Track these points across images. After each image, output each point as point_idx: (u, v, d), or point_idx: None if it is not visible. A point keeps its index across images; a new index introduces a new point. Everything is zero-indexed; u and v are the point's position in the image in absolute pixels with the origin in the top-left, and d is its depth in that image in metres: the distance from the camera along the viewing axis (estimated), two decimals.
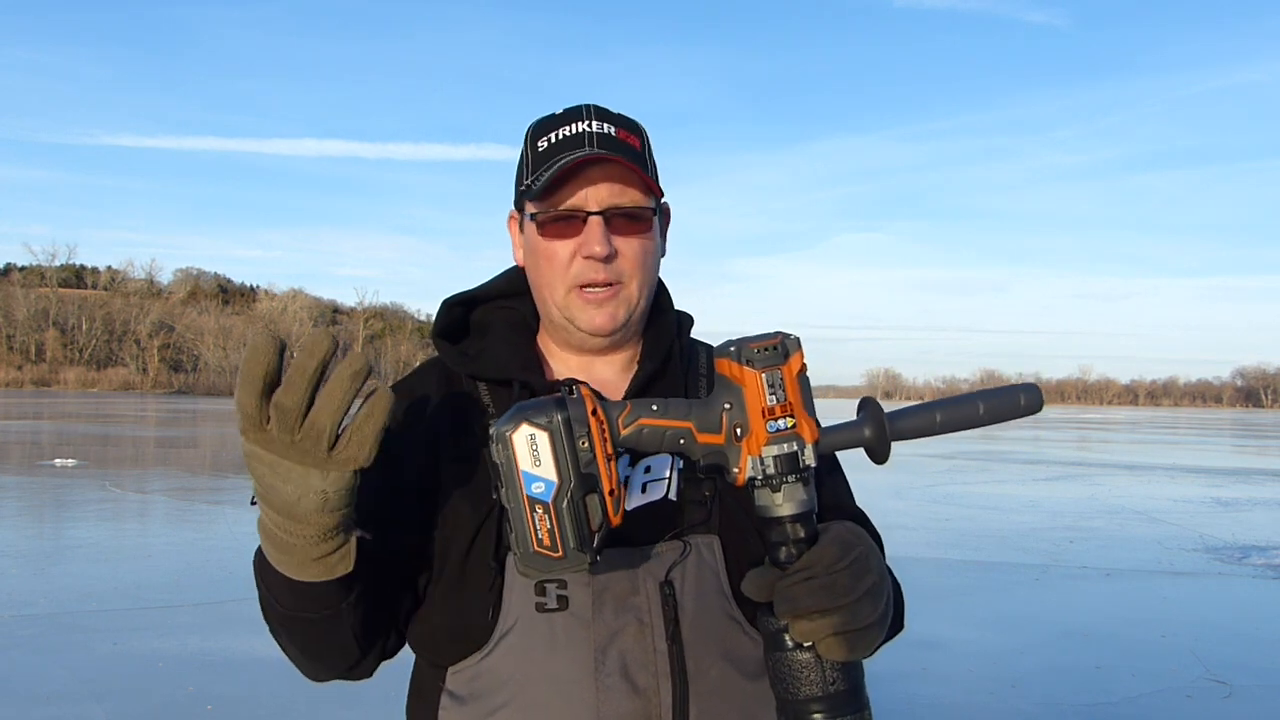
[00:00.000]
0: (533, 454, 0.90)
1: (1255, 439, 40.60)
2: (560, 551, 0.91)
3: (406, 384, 1.28)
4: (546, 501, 0.90)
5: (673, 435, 0.95)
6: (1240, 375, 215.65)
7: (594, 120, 1.19)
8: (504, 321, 1.29)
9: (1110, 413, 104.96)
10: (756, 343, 0.94)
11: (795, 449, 0.93)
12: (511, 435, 0.90)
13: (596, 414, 0.91)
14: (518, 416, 0.90)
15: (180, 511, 11.50)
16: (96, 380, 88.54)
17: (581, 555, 0.91)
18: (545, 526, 0.90)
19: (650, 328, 1.29)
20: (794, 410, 0.93)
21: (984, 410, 0.98)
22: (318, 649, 1.11)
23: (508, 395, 1.20)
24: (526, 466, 0.90)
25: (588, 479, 0.91)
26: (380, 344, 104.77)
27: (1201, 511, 13.02)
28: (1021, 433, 36.93)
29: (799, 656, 0.93)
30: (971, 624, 6.52)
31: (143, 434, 26.80)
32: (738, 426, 0.94)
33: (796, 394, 0.94)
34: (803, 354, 0.95)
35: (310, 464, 0.91)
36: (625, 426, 0.94)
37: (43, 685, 4.92)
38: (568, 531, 0.90)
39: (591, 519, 0.91)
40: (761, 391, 0.93)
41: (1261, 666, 5.66)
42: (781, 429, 0.93)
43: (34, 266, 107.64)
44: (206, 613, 6.47)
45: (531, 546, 0.91)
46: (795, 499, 0.93)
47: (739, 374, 0.94)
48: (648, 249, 1.21)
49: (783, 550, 0.93)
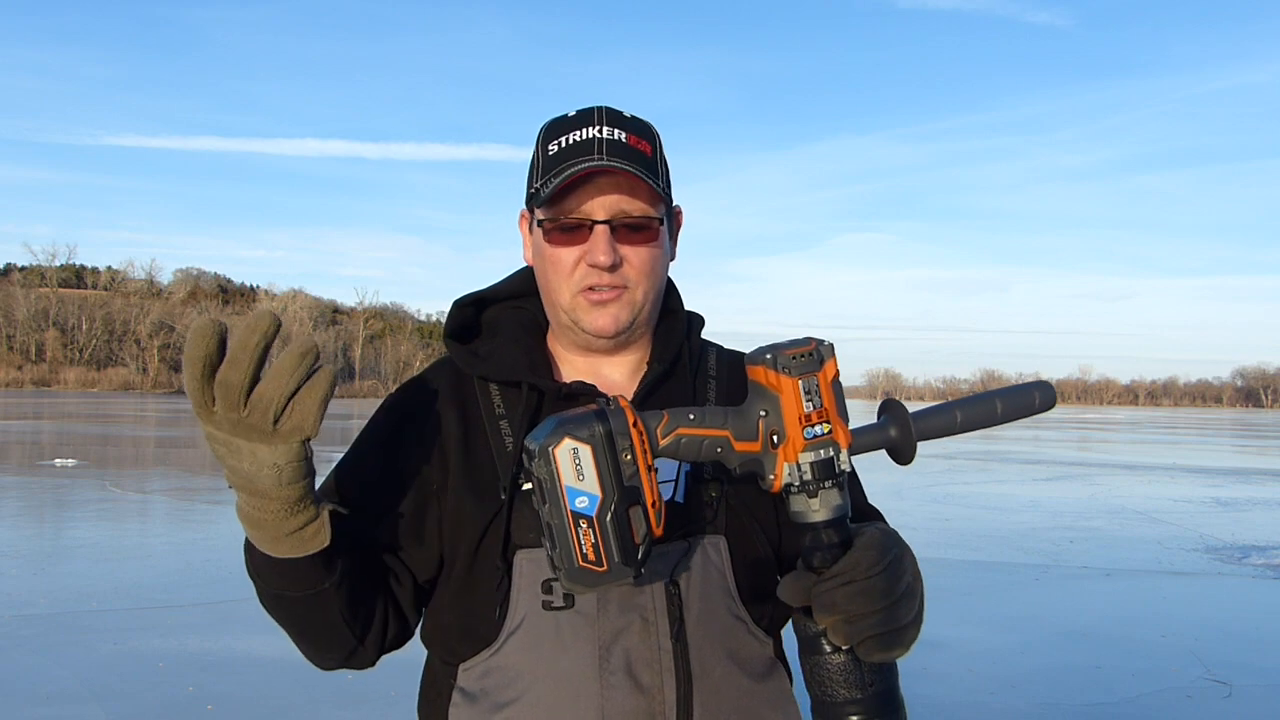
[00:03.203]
0: (576, 468, 0.89)
1: (1255, 439, 40.60)
2: (605, 566, 0.90)
3: (418, 382, 1.28)
4: (591, 516, 0.89)
5: (710, 444, 0.94)
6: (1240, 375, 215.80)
7: (605, 125, 1.18)
8: (514, 322, 1.30)
9: (1110, 413, 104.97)
10: (792, 349, 0.94)
11: (832, 454, 0.93)
12: (555, 450, 0.88)
13: (637, 425, 0.91)
14: (559, 430, 0.89)
15: (180, 511, 11.51)
16: (96, 380, 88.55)
17: (626, 569, 0.91)
18: (590, 541, 0.89)
19: (660, 328, 1.29)
20: (830, 416, 0.94)
21: (1002, 408, 1.00)
22: (308, 630, 1.14)
23: (517, 397, 1.21)
24: (570, 481, 0.89)
25: (631, 491, 0.90)
26: (380, 344, 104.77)
27: (1201, 511, 13.02)
28: (1021, 433, 36.93)
29: (837, 659, 0.93)
30: (971, 624, 6.52)
31: (143, 434, 26.80)
32: (774, 434, 0.94)
33: (831, 400, 0.94)
34: (836, 360, 0.96)
35: (257, 439, 0.93)
36: (664, 437, 0.94)
37: (43, 685, 4.92)
38: (613, 545, 0.90)
39: (636, 531, 0.91)
40: (798, 398, 0.93)
41: (1261, 666, 5.66)
42: (818, 435, 0.93)
43: (34, 266, 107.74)
44: (206, 613, 6.47)
45: (577, 562, 0.90)
46: (830, 504, 0.94)
47: (775, 381, 0.93)
48: (654, 257, 1.21)
49: (818, 555, 0.93)
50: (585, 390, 1.20)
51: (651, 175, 1.18)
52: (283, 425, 0.93)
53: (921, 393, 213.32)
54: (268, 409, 0.91)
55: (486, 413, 1.22)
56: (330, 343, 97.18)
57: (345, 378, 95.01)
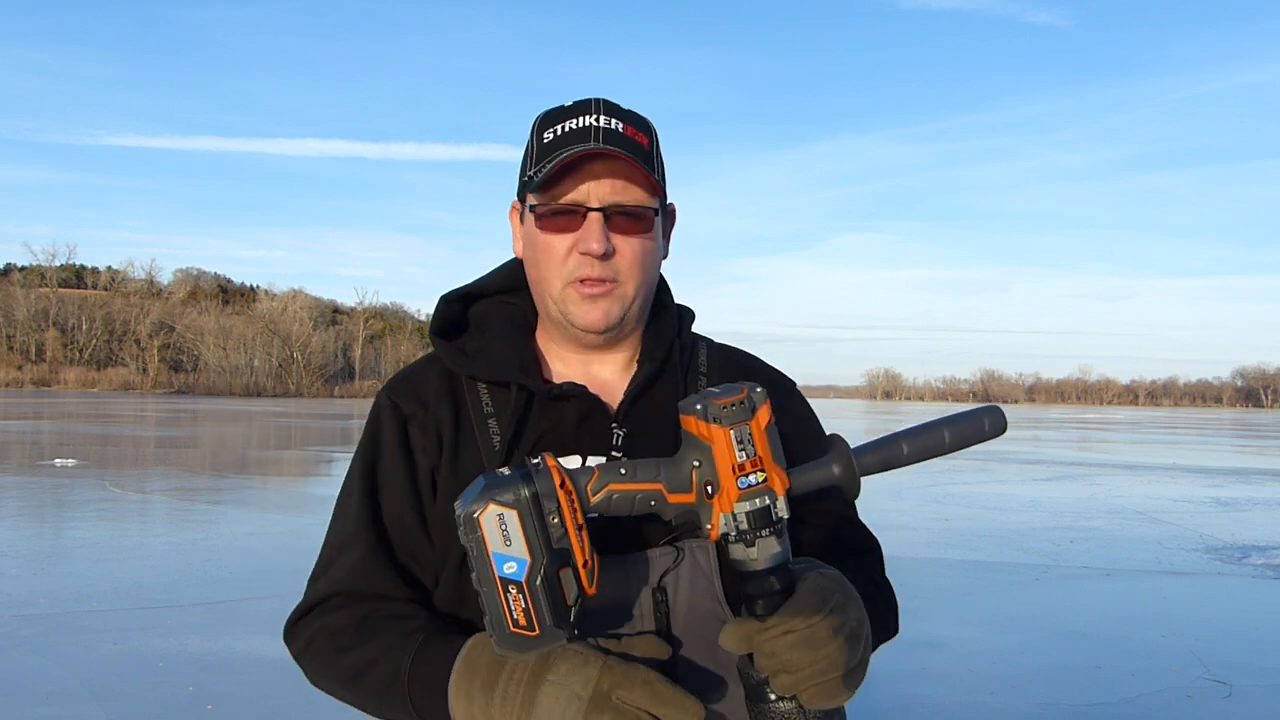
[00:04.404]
0: (503, 534, 0.89)
1: (1255, 439, 40.58)
2: (537, 630, 0.90)
3: (408, 382, 1.26)
4: (520, 581, 0.89)
5: (643, 498, 0.94)
6: (1240, 375, 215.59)
7: (602, 115, 1.17)
8: (503, 318, 1.27)
9: (1110, 413, 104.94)
10: (723, 399, 0.93)
11: (767, 503, 0.93)
12: (480, 517, 0.89)
13: (565, 486, 0.90)
14: (484, 496, 0.89)
15: (180, 511, 11.50)
16: (96, 380, 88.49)
17: (558, 631, 0.91)
18: (520, 606, 0.89)
19: (650, 325, 1.27)
20: (764, 464, 0.93)
21: (950, 438, 0.98)
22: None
23: (506, 396, 1.20)
24: (497, 548, 0.89)
25: (560, 554, 0.90)
26: (380, 344, 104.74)
27: (1201, 511, 13.02)
28: (1021, 433, 36.93)
29: (781, 707, 0.93)
30: (971, 624, 6.52)
31: (143, 434, 26.79)
32: (708, 484, 0.93)
33: (766, 447, 0.93)
34: (770, 407, 0.94)
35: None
36: (595, 494, 0.93)
37: (43, 685, 4.92)
38: (544, 609, 0.90)
39: (567, 593, 0.90)
40: (731, 448, 0.92)
41: (1261, 666, 5.66)
42: (753, 484, 0.92)
43: (34, 266, 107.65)
44: (206, 613, 6.47)
45: (508, 628, 0.90)
46: (769, 552, 0.93)
47: (707, 432, 0.93)
48: (647, 249, 1.19)
49: (760, 604, 0.93)
50: (576, 391, 1.18)
51: (648, 166, 1.16)
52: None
53: (921, 392, 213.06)
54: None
55: (475, 411, 1.20)
56: (330, 343, 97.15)
57: (345, 378, 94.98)
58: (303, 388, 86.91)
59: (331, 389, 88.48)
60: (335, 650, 1.13)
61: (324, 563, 1.21)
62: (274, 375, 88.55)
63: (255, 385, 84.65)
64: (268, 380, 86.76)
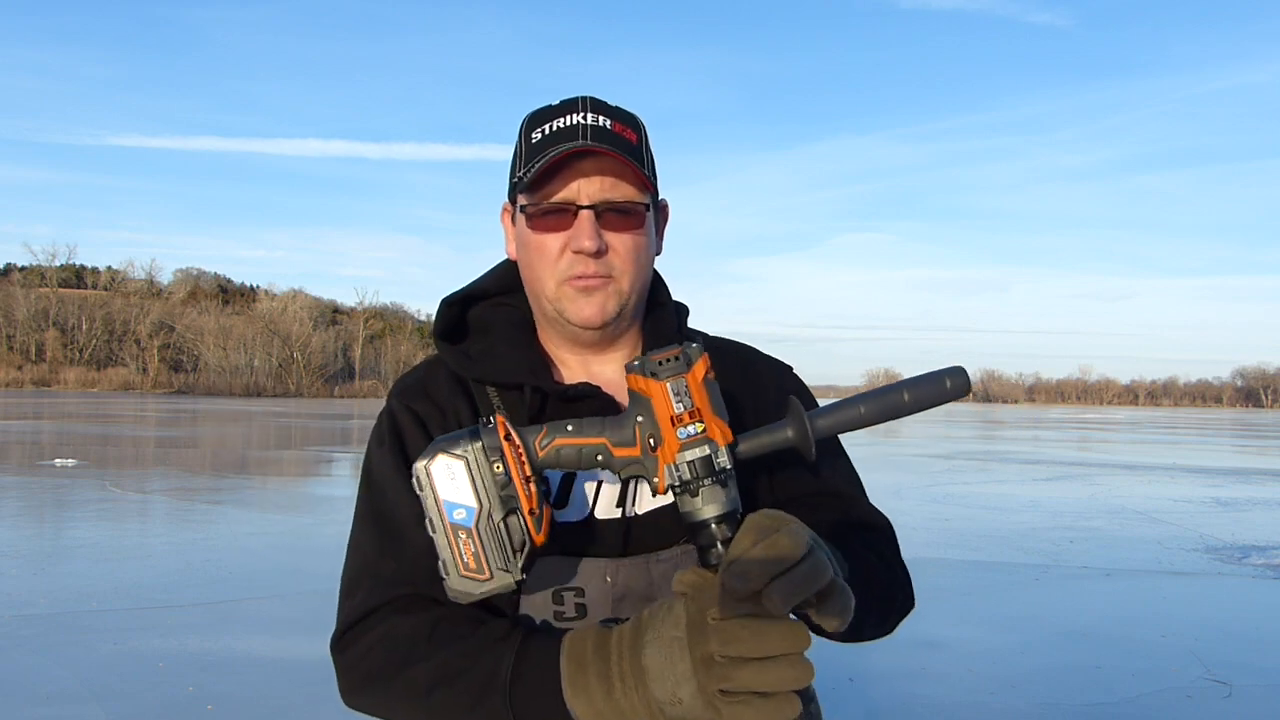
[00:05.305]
0: (451, 482, 0.95)
1: (1255, 439, 40.56)
2: (487, 573, 0.96)
3: (417, 386, 1.25)
4: (469, 526, 0.95)
5: (589, 451, 0.99)
6: (1240, 375, 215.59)
7: (589, 112, 1.17)
8: (505, 321, 1.27)
9: (1110, 413, 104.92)
10: (659, 354, 0.98)
11: (709, 452, 0.96)
12: (430, 466, 0.96)
13: (510, 438, 0.96)
14: (433, 449, 0.96)
15: (180, 511, 11.50)
16: (96, 380, 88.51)
17: (505, 574, 0.96)
18: (470, 550, 0.95)
19: (649, 322, 1.27)
20: (702, 415, 0.97)
21: (909, 397, 1.00)
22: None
23: (518, 399, 1.19)
24: (447, 495, 0.95)
25: (507, 500, 0.95)
26: (380, 344, 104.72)
27: (1201, 511, 13.01)
28: (1021, 432, 36.93)
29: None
30: (971, 624, 6.52)
31: (143, 434, 26.78)
32: (651, 437, 0.98)
33: (704, 399, 0.97)
34: (707, 361, 0.99)
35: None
36: (543, 449, 0.98)
37: (43, 685, 4.92)
38: (492, 553, 0.95)
39: (514, 540, 0.96)
40: (668, 400, 0.97)
41: (1261, 666, 5.66)
42: (692, 434, 0.96)
43: (34, 266, 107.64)
44: (206, 613, 6.46)
45: (459, 571, 0.96)
46: (716, 500, 0.96)
47: (645, 386, 0.98)
48: (640, 245, 1.19)
49: (712, 553, 0.95)
50: (590, 392, 1.18)
51: (637, 162, 1.16)
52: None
53: None
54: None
55: (487, 414, 1.19)
56: (330, 343, 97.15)
57: (345, 378, 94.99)
58: (303, 388, 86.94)
59: (331, 389, 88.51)
60: (402, 661, 1.06)
61: (361, 570, 1.15)
62: (274, 375, 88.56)
63: (255, 385, 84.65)
64: (268, 380, 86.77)
